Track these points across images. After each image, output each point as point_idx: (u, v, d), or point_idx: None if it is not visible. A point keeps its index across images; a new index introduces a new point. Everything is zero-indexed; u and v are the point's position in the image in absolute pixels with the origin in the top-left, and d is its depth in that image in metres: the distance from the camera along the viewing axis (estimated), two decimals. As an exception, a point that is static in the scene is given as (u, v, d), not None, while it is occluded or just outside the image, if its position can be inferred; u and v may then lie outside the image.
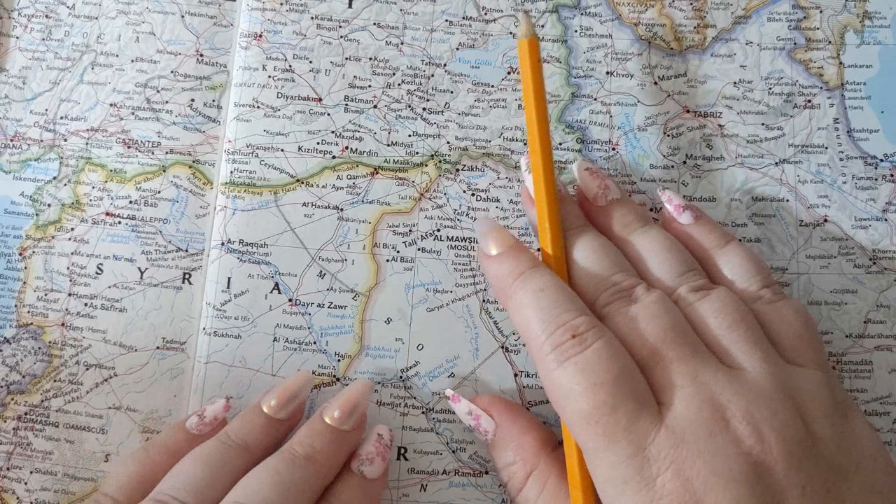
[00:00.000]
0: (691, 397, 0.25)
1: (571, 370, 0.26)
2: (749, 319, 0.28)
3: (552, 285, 0.28)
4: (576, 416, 0.26)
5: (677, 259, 0.30)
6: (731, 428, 0.24)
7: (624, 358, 0.26)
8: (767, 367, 0.26)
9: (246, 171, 0.36)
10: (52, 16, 0.38)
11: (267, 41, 0.37)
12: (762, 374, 0.26)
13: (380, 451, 0.30)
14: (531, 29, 0.31)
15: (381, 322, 0.34)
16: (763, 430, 0.24)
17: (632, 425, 0.25)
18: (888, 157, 0.36)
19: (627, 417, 0.25)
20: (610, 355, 0.26)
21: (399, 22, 0.37)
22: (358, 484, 0.29)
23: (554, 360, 0.26)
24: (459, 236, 0.35)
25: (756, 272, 0.30)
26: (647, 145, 0.36)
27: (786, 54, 0.37)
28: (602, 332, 0.27)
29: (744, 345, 0.27)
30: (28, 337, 0.35)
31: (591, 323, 0.27)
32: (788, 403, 0.25)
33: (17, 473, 0.33)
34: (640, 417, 0.25)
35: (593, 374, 0.25)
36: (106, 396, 0.34)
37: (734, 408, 0.25)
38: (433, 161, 0.36)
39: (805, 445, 0.24)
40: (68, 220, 0.36)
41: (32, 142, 0.37)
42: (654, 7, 0.37)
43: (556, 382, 0.26)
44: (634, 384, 0.26)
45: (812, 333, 0.29)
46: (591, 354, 0.26)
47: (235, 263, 0.35)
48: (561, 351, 0.26)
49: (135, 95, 0.37)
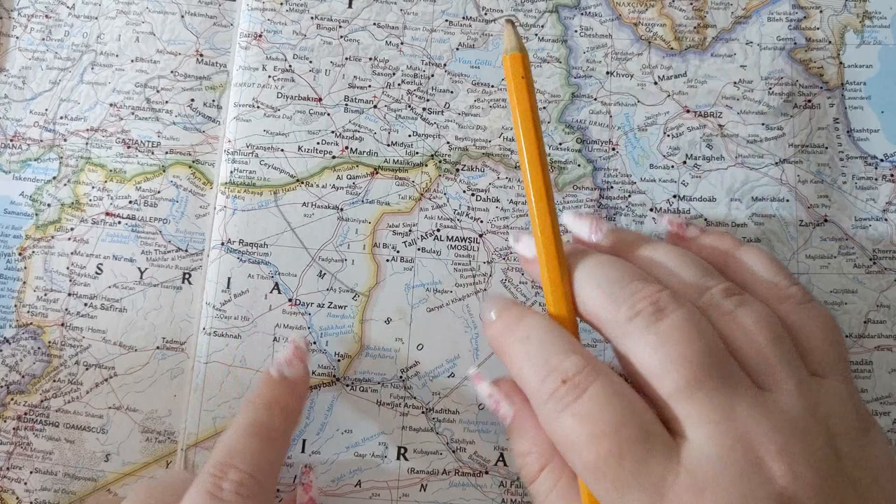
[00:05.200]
0: (724, 435, 0.23)
1: (570, 421, 0.24)
2: (784, 335, 0.26)
3: (539, 328, 0.26)
4: (582, 469, 0.24)
5: (696, 263, 0.27)
6: (764, 467, 0.22)
7: (626, 397, 0.24)
8: (801, 391, 0.24)
9: (246, 171, 0.36)
10: (52, 16, 0.38)
11: (267, 41, 0.37)
12: (796, 398, 0.24)
13: (297, 354, 0.31)
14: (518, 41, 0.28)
15: (381, 322, 0.34)
16: (797, 466, 0.22)
17: (643, 472, 0.23)
18: (888, 157, 0.36)
19: (636, 465, 0.23)
20: (608, 399, 0.24)
21: (399, 22, 0.37)
22: (282, 384, 0.30)
23: (551, 409, 0.24)
24: (459, 236, 0.35)
25: (779, 270, 0.28)
26: (647, 145, 0.36)
27: (786, 54, 0.37)
28: (596, 373, 0.24)
29: (782, 365, 0.25)
30: (28, 337, 0.35)
31: (581, 363, 0.25)
32: (820, 430, 0.24)
33: (17, 473, 0.33)
34: (650, 461, 0.23)
35: (593, 424, 0.23)
36: (106, 396, 0.34)
37: (769, 444, 0.23)
38: (433, 161, 0.36)
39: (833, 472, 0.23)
40: (68, 220, 0.36)
41: (32, 142, 0.37)
42: (654, 7, 0.37)
43: (558, 433, 0.24)
44: (640, 424, 0.23)
45: (841, 341, 0.27)
46: (587, 401, 0.24)
47: (235, 263, 0.35)
48: (556, 399, 0.24)
49: (135, 95, 0.37)
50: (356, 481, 0.33)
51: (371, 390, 0.34)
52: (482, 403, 0.32)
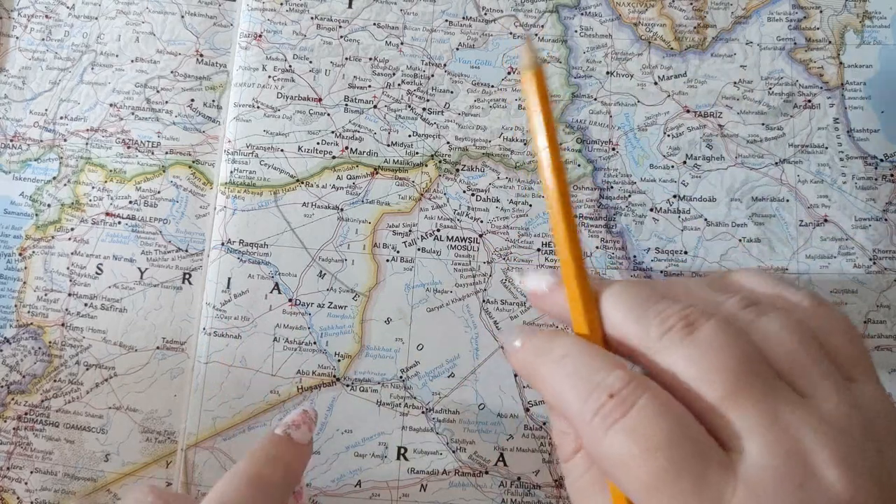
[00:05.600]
0: (774, 444, 0.22)
1: (620, 437, 0.23)
2: (812, 338, 0.25)
3: (575, 346, 0.25)
4: (636, 488, 0.23)
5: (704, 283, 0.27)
6: (819, 475, 0.22)
7: (675, 409, 0.23)
8: (842, 397, 0.23)
9: (246, 171, 0.36)
10: (52, 16, 0.38)
11: (267, 41, 0.37)
12: (840, 405, 0.23)
13: (305, 420, 0.30)
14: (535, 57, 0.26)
15: (381, 322, 0.34)
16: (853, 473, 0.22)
17: (702, 488, 0.22)
18: (888, 157, 0.36)
19: (694, 481, 0.22)
20: (658, 411, 0.23)
21: (399, 22, 0.37)
22: (287, 443, 0.29)
23: (598, 427, 0.23)
24: (459, 236, 0.35)
25: (780, 280, 0.28)
26: (647, 145, 0.36)
27: (786, 54, 0.37)
28: (644, 386, 0.23)
29: (816, 369, 0.24)
30: (28, 337, 0.35)
31: (627, 377, 0.24)
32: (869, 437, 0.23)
33: (18, 473, 0.33)
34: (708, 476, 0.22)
35: (645, 439, 0.22)
36: (106, 396, 0.34)
37: (821, 451, 0.22)
38: (433, 161, 0.36)
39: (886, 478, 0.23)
40: (68, 220, 0.36)
41: (32, 142, 0.37)
42: (654, 7, 0.37)
43: (606, 452, 0.23)
44: (694, 438, 0.23)
45: (861, 339, 0.27)
46: (637, 415, 0.23)
47: (235, 263, 0.35)
48: (603, 416, 0.23)
49: (135, 95, 0.37)
50: (356, 481, 0.33)
51: (371, 390, 0.34)
52: (482, 403, 0.32)
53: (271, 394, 0.34)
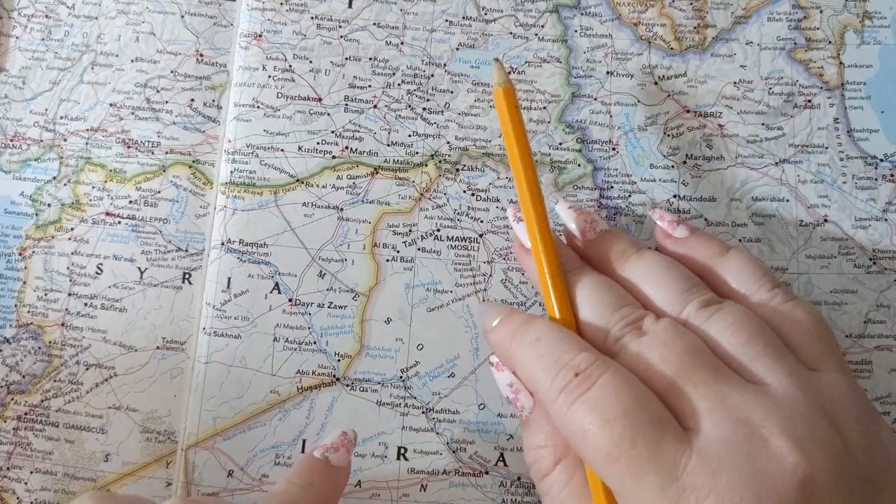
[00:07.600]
0: (723, 420, 0.24)
1: (581, 409, 0.25)
2: (766, 331, 0.26)
3: (547, 331, 0.27)
4: (596, 457, 0.24)
5: (679, 277, 0.29)
6: (770, 446, 0.23)
7: (635, 386, 0.25)
8: (794, 380, 0.25)
9: (246, 171, 0.36)
10: (52, 16, 0.38)
11: (267, 41, 0.37)
12: (790, 387, 0.25)
13: (344, 443, 0.30)
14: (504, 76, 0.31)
15: (381, 322, 0.34)
16: (802, 444, 0.23)
17: (657, 455, 0.23)
18: (888, 157, 0.36)
19: (650, 448, 0.23)
20: (618, 386, 0.25)
21: (399, 22, 0.37)
22: (325, 468, 0.29)
23: (563, 403, 0.25)
24: (459, 236, 0.35)
25: (762, 274, 0.29)
26: (647, 145, 0.36)
27: (786, 54, 0.37)
28: (606, 365, 0.25)
29: (765, 359, 0.25)
30: (28, 337, 0.35)
31: (592, 358, 0.26)
32: (823, 415, 0.24)
33: (17, 473, 0.33)
34: (662, 444, 0.23)
35: (604, 410, 0.24)
36: (106, 396, 0.34)
37: (770, 425, 0.23)
38: (433, 161, 0.36)
39: (845, 458, 0.23)
40: (68, 220, 0.36)
41: (32, 142, 0.37)
42: (654, 7, 0.37)
43: (570, 426, 0.25)
44: (651, 410, 0.24)
45: (829, 334, 0.28)
46: (598, 389, 0.25)
47: (235, 263, 0.35)
48: (567, 392, 0.25)
49: (135, 95, 0.37)
50: (356, 481, 0.33)
51: (371, 390, 0.34)
52: (482, 403, 0.32)
53: (271, 394, 0.34)
